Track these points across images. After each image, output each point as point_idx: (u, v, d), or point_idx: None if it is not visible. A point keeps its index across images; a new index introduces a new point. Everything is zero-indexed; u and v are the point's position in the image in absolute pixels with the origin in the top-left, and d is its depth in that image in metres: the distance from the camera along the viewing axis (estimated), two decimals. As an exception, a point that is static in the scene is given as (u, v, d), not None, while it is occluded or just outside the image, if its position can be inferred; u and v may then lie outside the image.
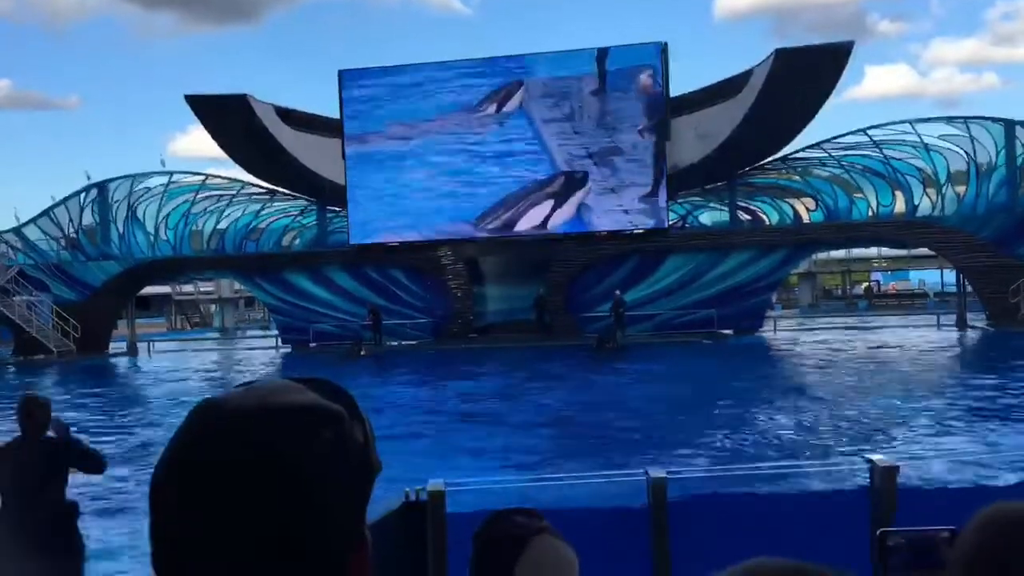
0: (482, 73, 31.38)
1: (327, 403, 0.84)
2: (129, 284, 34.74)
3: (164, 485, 0.82)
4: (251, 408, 0.81)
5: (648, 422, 14.20)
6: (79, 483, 6.27)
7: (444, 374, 22.52)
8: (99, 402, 19.65)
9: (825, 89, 29.45)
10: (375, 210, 31.88)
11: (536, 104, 30.83)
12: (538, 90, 30.82)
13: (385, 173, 31.83)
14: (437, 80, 31.60)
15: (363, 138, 32.00)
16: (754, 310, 31.25)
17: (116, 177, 34.59)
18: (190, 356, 33.62)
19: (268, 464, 0.79)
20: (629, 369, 22.49)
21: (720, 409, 14.77)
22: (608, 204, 30.57)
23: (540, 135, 30.84)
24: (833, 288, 61.75)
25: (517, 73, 31.13)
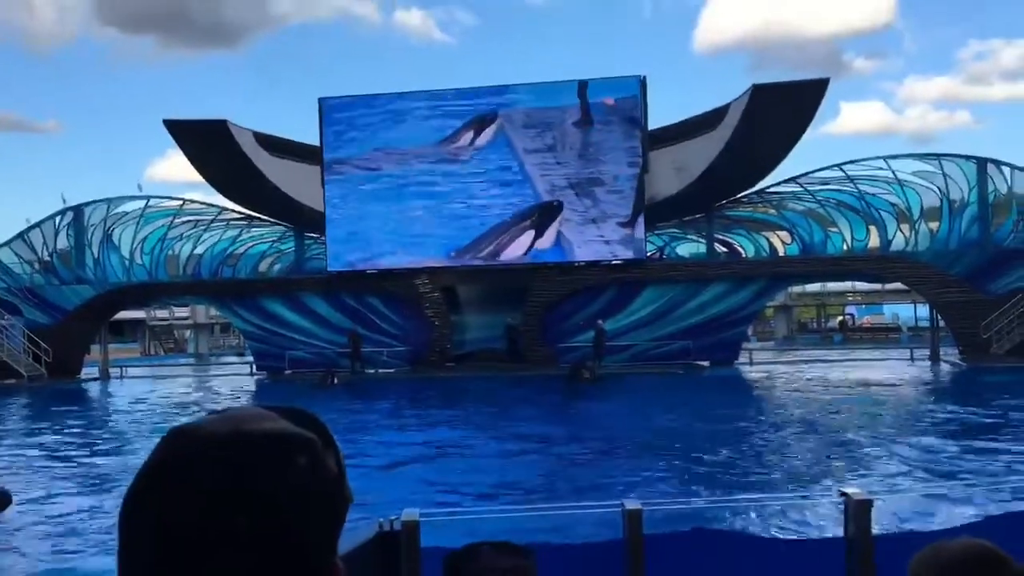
0: (463, 103, 31.54)
1: (301, 431, 0.83)
2: (103, 309, 34.38)
3: (135, 512, 0.80)
4: (225, 435, 0.81)
5: (623, 452, 14.17)
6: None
7: (419, 403, 22.40)
8: (66, 427, 19.34)
9: (801, 124, 29.83)
10: (353, 237, 31.83)
11: (518, 134, 30.98)
12: (520, 120, 31.00)
13: (364, 200, 31.82)
14: (418, 109, 31.73)
15: (342, 165, 32.01)
16: (730, 342, 31.39)
17: (92, 201, 34.37)
18: (162, 382, 33.24)
19: (242, 491, 0.78)
20: (605, 399, 22.46)
21: (696, 440, 14.76)
22: (589, 234, 30.68)
23: (523, 165, 30.95)
24: (808, 321, 62.19)
25: (498, 103, 31.32)
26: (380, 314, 32.38)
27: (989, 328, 28.61)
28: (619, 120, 30.71)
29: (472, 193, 31.26)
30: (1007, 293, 28.65)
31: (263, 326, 33.29)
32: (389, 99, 32.08)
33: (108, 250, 33.90)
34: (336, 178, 31.97)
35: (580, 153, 30.78)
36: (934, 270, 29.59)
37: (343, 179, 31.95)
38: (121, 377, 34.20)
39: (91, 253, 33.96)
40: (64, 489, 12.24)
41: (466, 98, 31.58)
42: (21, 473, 13.75)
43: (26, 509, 10.65)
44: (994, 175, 29.70)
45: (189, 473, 0.80)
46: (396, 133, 31.79)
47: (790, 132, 29.58)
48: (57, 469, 14.01)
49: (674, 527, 8.08)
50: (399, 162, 31.77)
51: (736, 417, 18.22)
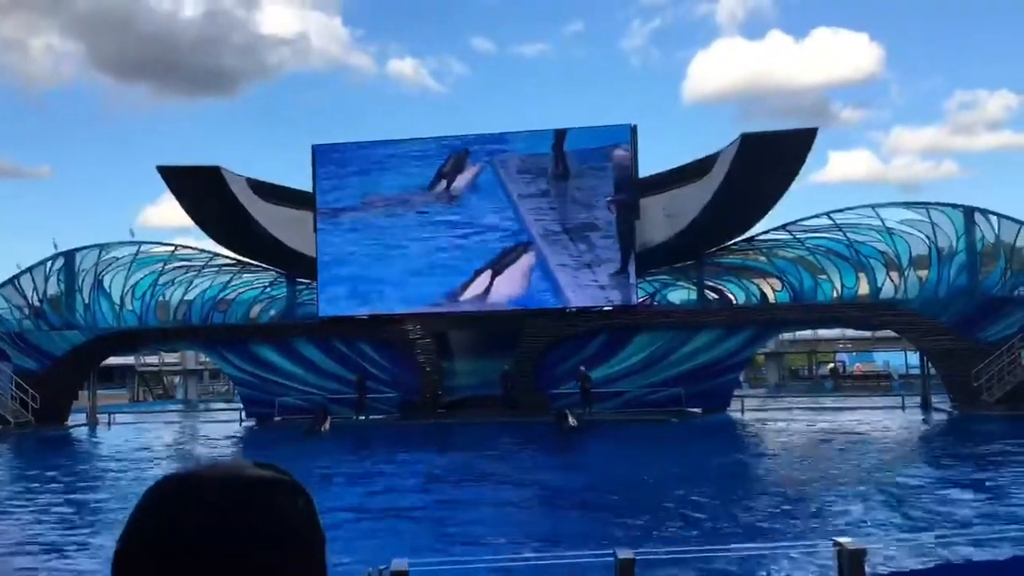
0: (457, 149, 31.76)
1: (280, 476, 0.89)
2: (92, 354, 34.15)
3: (134, 555, 0.82)
4: (213, 478, 0.85)
5: (615, 500, 14.05)
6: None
7: (408, 450, 22.21)
8: (50, 475, 19.09)
9: (790, 173, 30.06)
10: (345, 283, 31.82)
11: (512, 180, 31.13)
12: (514, 166, 31.17)
13: (356, 246, 31.88)
14: (411, 156, 31.94)
15: (335, 211, 32.13)
16: (722, 389, 31.34)
17: (84, 246, 34.33)
18: (151, 429, 32.92)
19: (243, 531, 0.81)
20: (595, 447, 22.34)
21: (689, 489, 14.66)
22: (584, 279, 30.73)
23: (517, 210, 31.04)
24: (799, 368, 62.14)
25: (492, 150, 31.49)
26: (371, 360, 32.24)
27: (980, 376, 28.64)
28: (611, 165, 30.92)
29: (465, 238, 31.34)
30: (997, 341, 28.73)
31: (253, 372, 33.11)
32: (381, 146, 32.32)
33: (99, 295, 33.80)
34: (328, 224, 32.07)
35: (574, 198, 30.95)
36: (924, 318, 29.69)
37: (335, 225, 32.05)
38: (109, 424, 33.86)
39: (81, 298, 33.85)
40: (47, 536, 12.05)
41: (460, 144, 31.84)
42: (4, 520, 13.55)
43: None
44: (981, 223, 29.97)
45: (184, 511, 0.82)
46: (389, 180, 31.97)
47: (779, 181, 29.79)
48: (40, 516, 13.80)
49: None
50: (391, 208, 31.90)
51: (729, 465, 18.13)
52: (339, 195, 32.17)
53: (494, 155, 31.45)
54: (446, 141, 32.05)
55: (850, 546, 4.68)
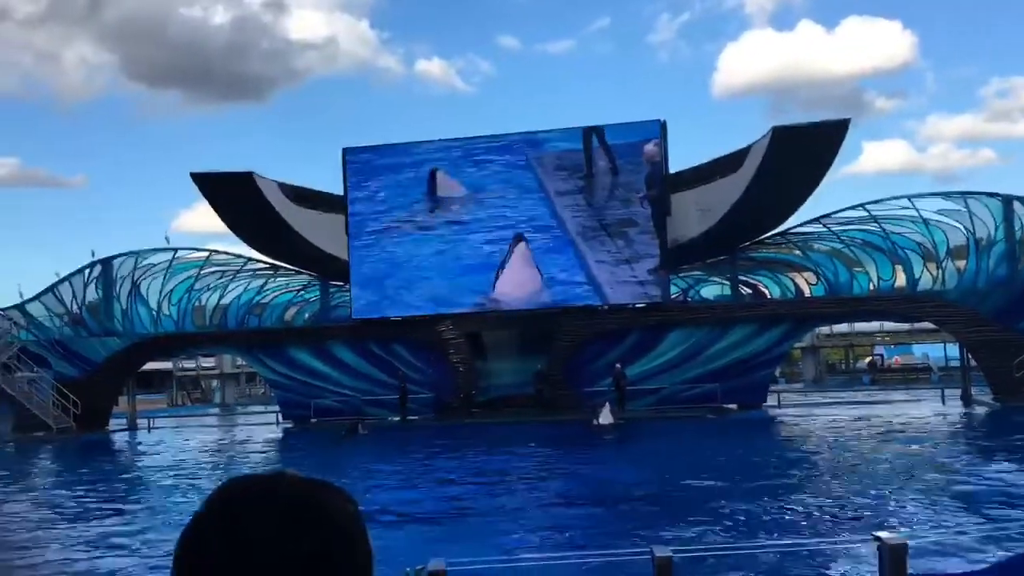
0: (489, 149, 31.76)
1: (337, 487, 0.95)
2: (131, 360, 34.66)
3: (194, 562, 0.87)
4: (274, 486, 0.91)
5: (651, 498, 14.00)
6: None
7: (443, 451, 22.28)
8: (93, 480, 19.40)
9: (823, 165, 29.79)
10: (378, 284, 31.99)
11: (549, 177, 31.00)
12: (551, 163, 31.06)
13: (388, 248, 32.04)
14: (441, 156, 32.01)
15: (366, 214, 32.30)
16: (758, 384, 31.08)
17: (120, 254, 34.85)
18: (189, 432, 33.33)
19: (297, 539, 0.86)
20: (629, 444, 22.25)
21: (726, 485, 14.56)
22: (623, 275, 30.60)
23: (554, 207, 30.93)
24: (836, 362, 61.50)
25: (523, 149, 31.43)
26: (405, 361, 32.37)
27: (1021, 367, 28.15)
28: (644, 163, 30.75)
29: (501, 237, 31.27)
30: (1039, 331, 28.22)
31: (289, 375, 33.40)
32: (413, 147, 32.45)
33: (136, 302, 34.27)
34: (360, 226, 32.25)
35: (611, 194, 30.80)
36: (963, 309, 29.25)
37: (367, 227, 32.22)
38: (149, 428, 34.33)
39: (119, 305, 34.34)
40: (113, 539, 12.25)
41: (492, 144, 31.81)
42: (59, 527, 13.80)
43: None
44: (1020, 212, 29.45)
45: (243, 519, 0.87)
46: (420, 181, 32.06)
47: (812, 173, 29.53)
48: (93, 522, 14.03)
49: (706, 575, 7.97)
50: (423, 209, 32.00)
51: (766, 461, 17.98)
52: (370, 197, 32.34)
53: (529, 153, 31.31)
54: (481, 140, 32.07)
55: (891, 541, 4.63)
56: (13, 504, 16.16)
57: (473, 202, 31.74)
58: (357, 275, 32.10)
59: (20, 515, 14.82)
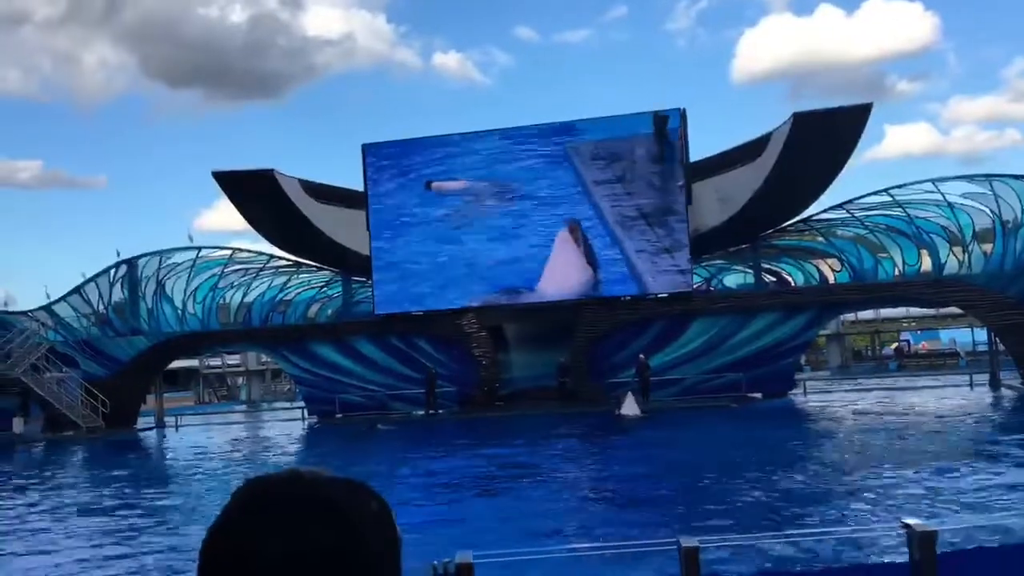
0: (520, 140, 31.59)
1: (364, 484, 0.96)
2: (157, 359, 35.00)
3: (221, 558, 0.88)
4: (300, 483, 0.92)
5: (677, 489, 13.98)
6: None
7: (468, 443, 22.34)
8: (128, 478, 19.63)
9: (845, 150, 29.56)
10: (400, 279, 32.09)
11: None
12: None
13: (409, 243, 32.11)
14: (465, 150, 31.96)
15: (387, 209, 32.38)
16: (783, 373, 30.93)
17: (145, 253, 35.15)
18: (218, 429, 33.64)
19: (323, 536, 0.88)
20: (654, 435, 22.21)
21: (753, 474, 14.51)
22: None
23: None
24: (863, 349, 61.06)
25: (556, 138, 31.19)
26: (428, 355, 32.48)
27: (1051, 350, 27.82)
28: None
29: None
30: (1068, 314, 27.87)
31: (313, 371, 33.60)
32: (432, 141, 32.48)
33: (161, 301, 34.58)
34: (381, 222, 32.33)
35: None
36: (990, 293, 28.93)
37: (388, 222, 32.31)
38: (177, 426, 34.68)
39: (145, 304, 34.66)
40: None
41: (521, 135, 31.68)
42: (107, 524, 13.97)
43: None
44: (1048, 193, 29.07)
45: (269, 516, 0.89)
46: (442, 175, 32.06)
47: (834, 158, 29.32)
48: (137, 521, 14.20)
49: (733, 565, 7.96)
50: (445, 203, 32.02)
51: (793, 449, 17.90)
52: (391, 192, 32.41)
53: (563, 144, 31.11)
54: (503, 134, 32.00)
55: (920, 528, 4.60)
56: (61, 507, 16.37)
57: (499, 194, 31.67)
58: (379, 270, 32.22)
59: (66, 516, 15.02)
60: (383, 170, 32.55)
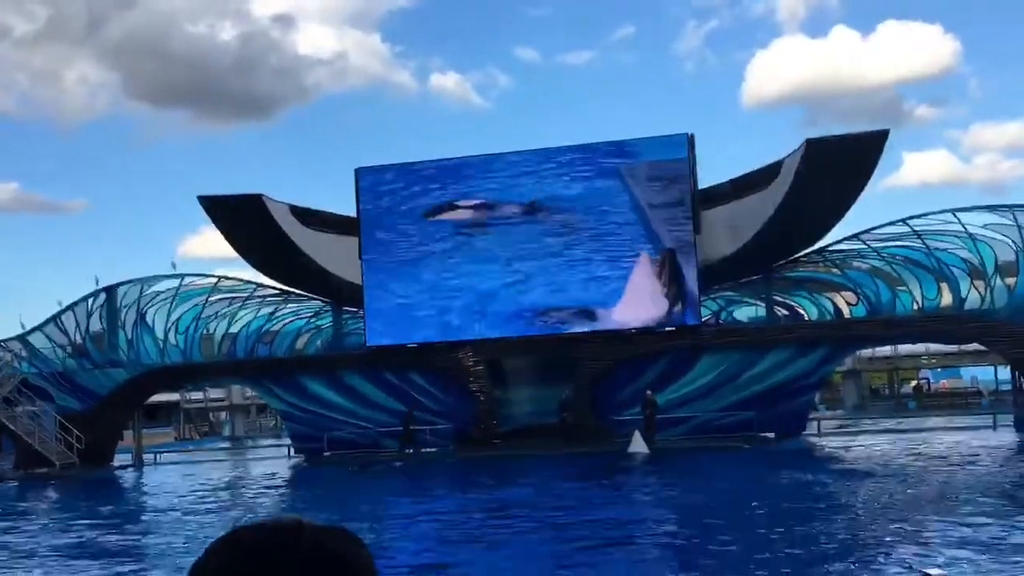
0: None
1: (348, 531, 0.96)
2: (136, 392, 34.84)
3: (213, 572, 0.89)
4: (280, 533, 0.90)
5: (689, 539, 13.86)
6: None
7: (465, 486, 22.18)
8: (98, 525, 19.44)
9: (861, 178, 29.62)
10: (393, 311, 32.03)
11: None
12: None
13: (404, 272, 32.07)
14: (462, 174, 32.02)
15: (381, 236, 32.40)
16: (796, 412, 30.82)
17: (125, 281, 35.09)
18: (198, 468, 33.40)
19: (332, 564, 0.89)
20: (663, 477, 22.06)
21: (768, 523, 14.38)
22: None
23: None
24: (880, 387, 60.92)
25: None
26: (422, 390, 32.35)
27: (1079, 390, 27.75)
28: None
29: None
30: (1097, 351, 27.83)
31: (301, 406, 33.45)
32: (431, 166, 32.58)
33: (141, 331, 34.49)
34: (375, 249, 32.34)
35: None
36: (1014, 328, 28.89)
37: (382, 250, 32.31)
38: (155, 464, 34.45)
39: (124, 335, 34.56)
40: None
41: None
42: None
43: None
44: (1074, 225, 29.13)
45: (279, 552, 0.89)
46: (438, 200, 32.06)
47: (849, 187, 29.37)
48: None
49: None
50: (441, 230, 32.02)
51: (812, 495, 17.77)
52: (385, 219, 32.43)
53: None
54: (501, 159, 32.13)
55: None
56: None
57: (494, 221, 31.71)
58: (371, 300, 32.17)
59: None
60: (378, 195, 32.60)
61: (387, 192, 32.57)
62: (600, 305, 30.84)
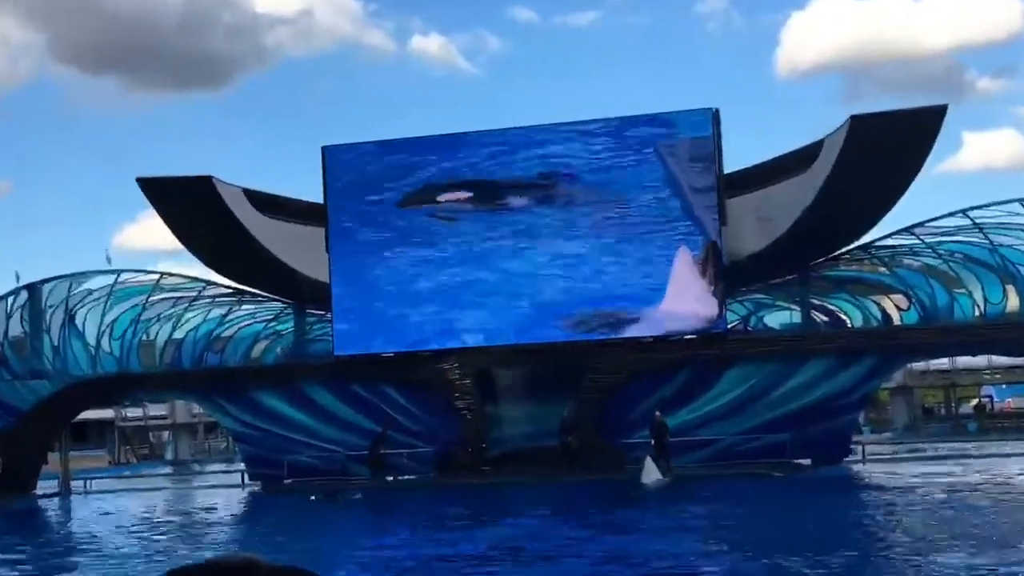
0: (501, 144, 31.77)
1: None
2: (63, 408, 34.74)
3: None
4: (245, 564, 0.98)
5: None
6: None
7: (448, 520, 22.14)
8: (11, 562, 19.35)
9: (913, 162, 29.69)
10: (365, 313, 31.99)
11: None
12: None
13: (380, 267, 32.03)
14: (450, 154, 32.01)
15: (352, 226, 32.35)
16: (837, 434, 30.85)
17: (51, 278, 35.02)
18: (136, 498, 33.33)
19: None
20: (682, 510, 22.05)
21: (815, 568, 14.32)
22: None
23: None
24: (935, 406, 61.08)
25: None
26: (399, 407, 32.33)
27: None
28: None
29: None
30: None
31: (257, 425, 33.41)
32: (411, 144, 32.54)
33: (70, 336, 34.39)
34: (345, 241, 32.29)
35: None
36: (1092, 338, 28.98)
37: (353, 242, 32.27)
38: (85, 492, 34.37)
39: (49, 340, 34.46)
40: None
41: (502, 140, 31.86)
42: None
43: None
44: None
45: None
46: (422, 183, 32.02)
47: (900, 172, 29.42)
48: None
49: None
50: (424, 218, 31.98)
51: (857, 537, 17.74)
52: (357, 205, 32.39)
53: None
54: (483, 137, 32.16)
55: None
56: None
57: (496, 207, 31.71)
58: (340, 302, 32.12)
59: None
60: (349, 178, 32.54)
61: (360, 174, 32.51)
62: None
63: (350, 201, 32.50)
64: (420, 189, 32.10)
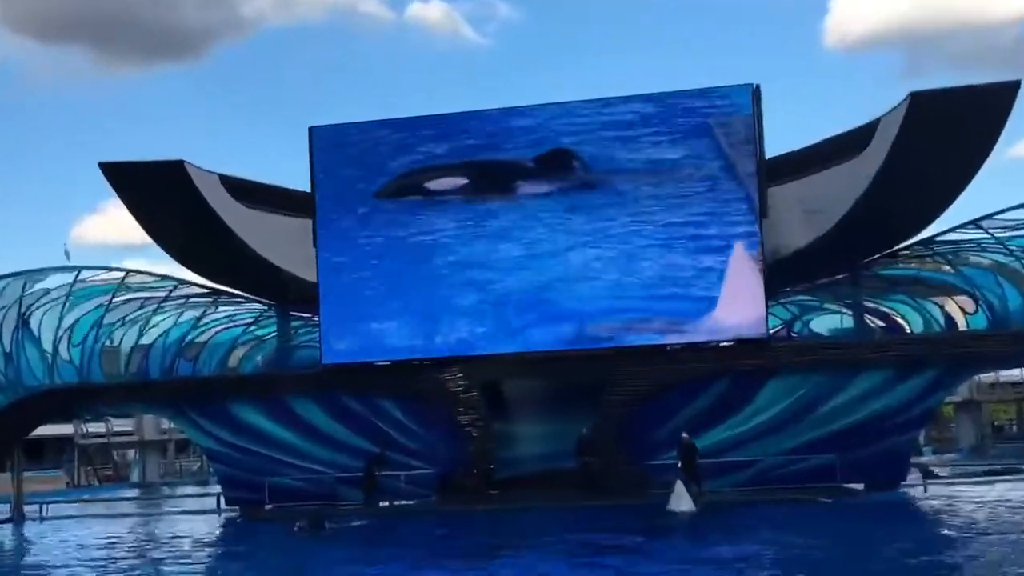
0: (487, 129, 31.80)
1: None
2: (16, 422, 34.83)
3: None
4: None
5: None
6: None
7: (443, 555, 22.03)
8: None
9: (981, 146, 29.60)
10: (358, 317, 31.99)
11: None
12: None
13: (374, 264, 32.06)
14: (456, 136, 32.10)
15: (343, 218, 32.33)
16: (893, 455, 30.78)
17: (3, 275, 35.11)
18: (97, 524, 33.33)
19: None
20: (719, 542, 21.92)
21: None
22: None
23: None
24: (1006, 423, 60.94)
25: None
26: (396, 423, 32.34)
27: None
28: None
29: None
30: None
31: (234, 443, 33.48)
32: (409, 124, 32.49)
33: (24, 341, 34.49)
34: (335, 235, 32.28)
35: None
36: None
37: (344, 236, 32.26)
38: (40, 518, 34.38)
39: (1, 347, 34.55)
40: None
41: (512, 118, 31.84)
42: None
43: None
44: None
45: None
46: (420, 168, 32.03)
47: (966, 157, 29.38)
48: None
49: None
50: (425, 209, 31.96)
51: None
52: (349, 194, 32.39)
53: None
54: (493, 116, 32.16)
55: None
56: None
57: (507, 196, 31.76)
58: (329, 303, 32.11)
59: None
60: (339, 163, 32.57)
61: (352, 158, 32.55)
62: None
63: (341, 189, 32.48)
64: (421, 174, 32.06)
